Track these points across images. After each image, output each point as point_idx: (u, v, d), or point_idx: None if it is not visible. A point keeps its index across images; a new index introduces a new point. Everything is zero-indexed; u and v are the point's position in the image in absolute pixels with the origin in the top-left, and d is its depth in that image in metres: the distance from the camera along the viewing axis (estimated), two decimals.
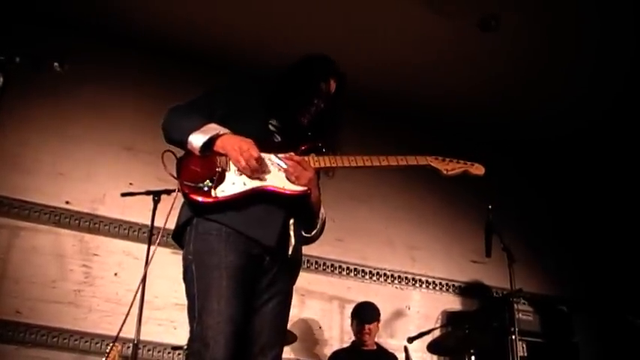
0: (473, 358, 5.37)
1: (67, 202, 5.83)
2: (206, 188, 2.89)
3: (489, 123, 7.49)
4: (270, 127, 3.25)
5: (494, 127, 7.54)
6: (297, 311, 6.36)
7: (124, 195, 5.31)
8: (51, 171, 5.86)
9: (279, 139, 3.23)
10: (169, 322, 5.86)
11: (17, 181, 5.69)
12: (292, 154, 3.10)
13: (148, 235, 5.03)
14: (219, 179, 2.93)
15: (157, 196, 5.01)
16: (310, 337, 6.41)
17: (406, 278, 7.02)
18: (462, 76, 6.78)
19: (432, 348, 5.74)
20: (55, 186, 5.82)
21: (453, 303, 7.13)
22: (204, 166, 2.95)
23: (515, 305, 5.81)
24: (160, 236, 3.24)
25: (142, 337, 4.80)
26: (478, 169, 3.54)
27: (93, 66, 6.20)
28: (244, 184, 2.96)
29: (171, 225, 3.08)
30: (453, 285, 7.23)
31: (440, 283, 7.17)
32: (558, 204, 8.04)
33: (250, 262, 2.92)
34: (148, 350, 5.64)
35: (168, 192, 4.83)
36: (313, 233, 3.25)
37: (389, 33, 6.21)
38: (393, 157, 3.32)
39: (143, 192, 5.18)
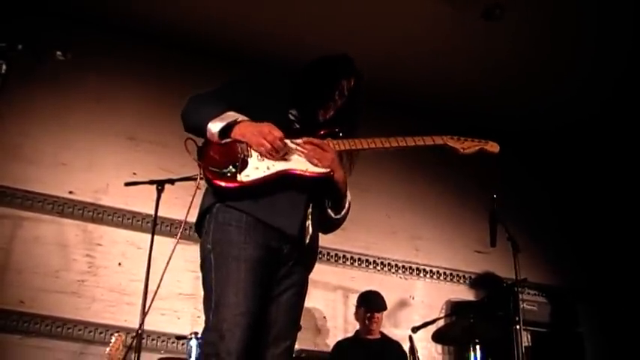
0: (477, 347, 5.37)
1: (70, 192, 5.83)
2: (229, 174, 2.88)
3: (492, 113, 7.44)
4: (290, 116, 3.24)
5: (497, 117, 7.50)
6: None
7: (127, 184, 5.30)
8: (54, 161, 5.85)
9: (299, 127, 3.21)
10: (173, 311, 5.85)
11: (20, 172, 5.68)
12: (310, 139, 3.08)
13: (152, 224, 5.01)
14: (242, 165, 2.91)
15: (160, 185, 5.00)
16: (314, 326, 6.41)
17: (410, 268, 7.01)
18: (465, 66, 6.76)
19: (436, 337, 5.74)
20: (57, 176, 5.81)
21: (457, 293, 7.11)
22: (225, 154, 2.94)
23: (520, 295, 5.80)
24: (182, 229, 3.21)
25: (146, 327, 4.80)
26: (493, 147, 3.52)
27: (95, 56, 6.19)
28: (268, 168, 2.94)
29: (180, 216, 3.05)
30: (457, 275, 7.21)
31: (444, 273, 7.16)
32: (561, 194, 8.01)
33: (269, 254, 2.91)
34: (152, 340, 5.64)
35: (189, 178, 4.74)
36: (342, 214, 3.25)
37: (392, 22, 6.18)
38: (410, 138, 3.38)
39: (146, 181, 5.16)
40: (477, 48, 6.45)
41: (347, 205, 3.27)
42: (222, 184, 2.89)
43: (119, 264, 5.77)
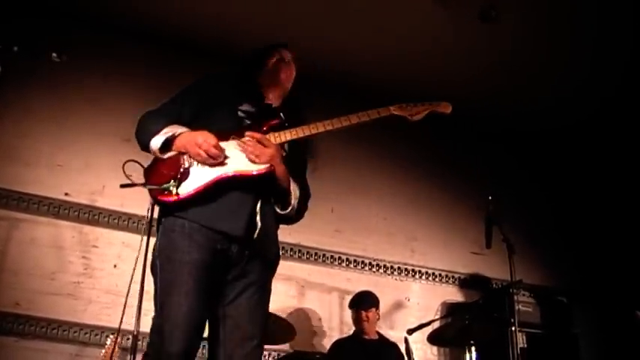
0: (473, 349, 5.38)
1: (67, 194, 5.82)
2: (171, 188, 2.97)
3: (488, 114, 7.46)
4: (240, 113, 3.30)
5: (493, 118, 7.53)
6: (297, 302, 6.40)
7: (123, 186, 5.28)
8: (50, 162, 5.85)
9: (249, 122, 3.27)
10: None
11: (16, 173, 5.68)
12: (251, 133, 3.12)
13: (147, 226, 4.99)
14: (183, 177, 3.01)
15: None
16: (310, 328, 6.42)
17: (406, 270, 7.01)
18: (462, 67, 6.75)
19: (432, 339, 5.73)
20: (54, 177, 5.80)
21: (452, 294, 7.13)
22: (169, 167, 3.06)
23: (515, 296, 5.81)
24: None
25: (142, 329, 4.79)
26: (445, 107, 3.47)
27: (92, 57, 6.18)
28: (207, 175, 3.02)
29: None
30: (453, 276, 7.23)
31: (440, 275, 7.17)
32: (557, 195, 8.03)
33: (215, 257, 2.98)
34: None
35: None
36: (289, 210, 3.26)
37: (388, 23, 6.18)
38: (354, 115, 3.30)
39: (142, 183, 5.16)
40: (473, 49, 6.45)
41: (293, 202, 3.26)
42: (165, 199, 3.00)
43: (115, 266, 5.77)
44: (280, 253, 3.35)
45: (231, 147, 3.10)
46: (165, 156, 3.10)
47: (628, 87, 6.73)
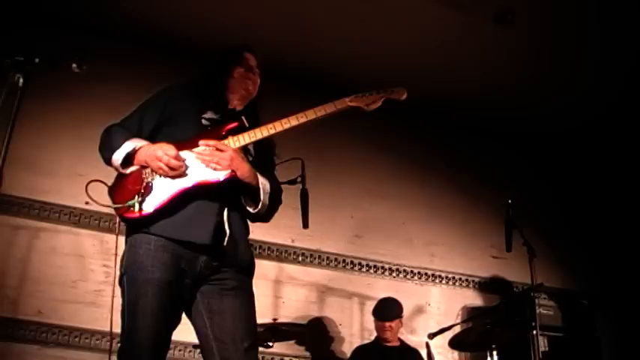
0: (494, 353, 5.35)
1: (87, 203, 5.84)
2: (135, 204, 3.01)
3: (503, 117, 7.44)
4: (204, 121, 3.32)
5: (510, 120, 7.50)
6: (317, 308, 6.40)
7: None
8: (70, 172, 5.87)
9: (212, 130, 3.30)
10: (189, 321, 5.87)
11: (36, 183, 5.72)
12: (205, 142, 3.13)
13: None
14: (146, 192, 3.04)
15: None
16: (330, 334, 6.41)
17: (426, 274, 7.00)
18: (474, 69, 6.73)
19: (453, 344, 5.70)
20: (74, 187, 5.82)
21: (473, 298, 7.10)
22: (132, 183, 3.10)
23: (536, 300, 5.78)
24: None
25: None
26: (399, 93, 3.43)
27: (109, 66, 6.20)
28: (170, 188, 3.04)
29: None
30: (473, 280, 7.20)
31: (460, 279, 7.15)
32: (577, 197, 7.98)
33: (179, 275, 3.00)
34: (170, 349, 5.65)
35: None
36: (260, 206, 3.24)
37: (399, 26, 6.18)
38: (311, 111, 3.28)
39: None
40: (484, 51, 6.43)
41: (263, 197, 3.24)
42: (129, 215, 3.03)
43: None
44: (300, 258, 3.36)
45: (191, 157, 3.12)
46: (128, 171, 3.15)
47: None
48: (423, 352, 5.67)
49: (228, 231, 3.10)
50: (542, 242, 6.36)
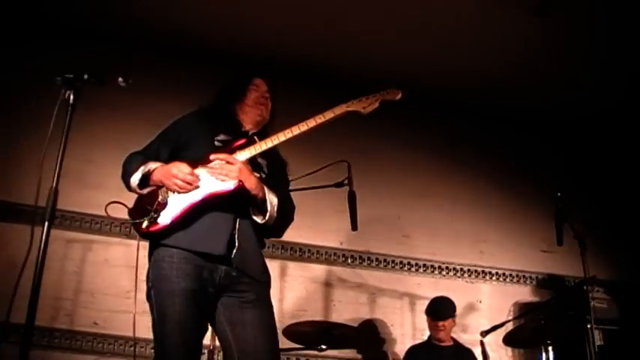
0: (549, 349, 5.29)
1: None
2: (152, 219, 3.23)
3: (550, 110, 7.35)
4: (216, 142, 3.48)
5: (555, 112, 7.40)
6: (368, 309, 6.42)
7: None
8: (119, 185, 5.91)
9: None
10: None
11: (88, 197, 5.80)
12: (216, 155, 3.31)
13: None
14: (162, 207, 3.25)
15: None
16: (382, 335, 6.41)
17: (475, 271, 6.96)
18: (513, 61, 6.63)
19: (507, 341, 5.65)
20: (123, 199, 5.90)
21: (524, 294, 7.03)
22: (149, 201, 3.31)
23: (590, 293, 5.71)
24: None
25: (218, 343, 4.85)
26: (393, 94, 3.55)
27: (154, 80, 6.28)
28: (183, 202, 3.22)
29: None
30: (524, 276, 7.13)
31: (510, 275, 7.09)
32: (627, 187, 7.83)
33: (202, 284, 3.16)
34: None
35: None
36: (267, 217, 3.34)
37: (434, 19, 6.10)
38: (311, 119, 3.44)
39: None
40: (516, 40, 6.31)
41: (270, 209, 3.35)
42: (148, 229, 3.24)
43: None
44: (350, 260, 3.41)
45: (203, 173, 3.28)
46: (145, 191, 3.34)
47: None
48: (477, 350, 5.62)
49: (237, 242, 3.24)
50: (594, 234, 6.28)
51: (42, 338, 5.38)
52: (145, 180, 3.33)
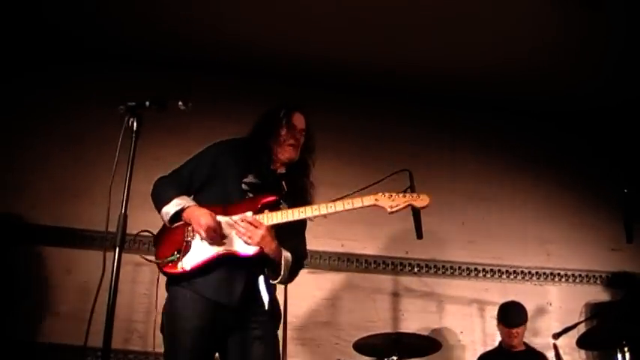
0: (625, 350, 5.15)
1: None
2: (175, 259, 3.41)
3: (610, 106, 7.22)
4: (244, 186, 3.62)
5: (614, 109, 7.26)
6: (437, 318, 6.39)
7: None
8: None
9: (252, 195, 3.61)
10: (311, 340, 5.95)
11: (154, 219, 5.88)
12: (246, 214, 3.46)
13: None
14: (186, 250, 3.42)
15: None
16: (452, 342, 6.38)
17: (544, 274, 6.87)
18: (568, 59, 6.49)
19: (581, 343, 5.52)
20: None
21: (595, 294, 6.90)
22: (174, 238, 3.49)
23: None
24: None
25: (289, 358, 4.90)
26: (423, 201, 3.61)
27: (209, 101, 6.36)
28: (206, 252, 3.41)
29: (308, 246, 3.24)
30: (594, 275, 7.01)
31: (579, 275, 6.97)
32: None
33: (214, 323, 3.37)
34: None
35: None
36: (279, 279, 3.53)
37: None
38: (339, 202, 3.53)
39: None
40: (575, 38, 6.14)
41: (283, 272, 3.50)
42: (169, 271, 3.43)
43: None
44: (416, 269, 3.45)
45: (228, 227, 3.47)
46: (173, 226, 3.51)
47: None
48: (550, 354, 5.53)
49: (267, 295, 3.48)
50: None
51: None
52: (177, 215, 3.49)
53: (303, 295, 5.85)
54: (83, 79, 6.40)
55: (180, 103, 3.30)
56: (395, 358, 4.92)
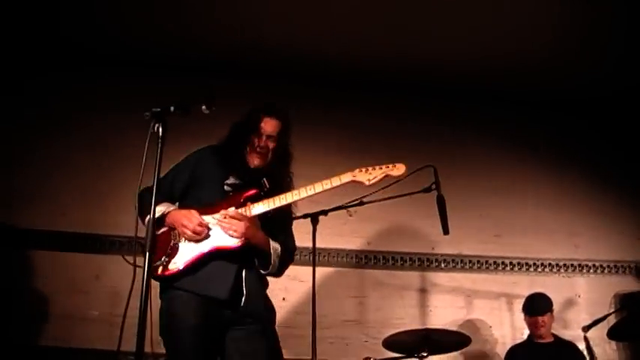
0: None
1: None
2: (164, 263, 3.53)
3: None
4: (226, 187, 3.77)
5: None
6: (466, 312, 6.40)
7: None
8: None
9: (233, 194, 3.74)
10: (340, 339, 5.96)
11: None
12: (229, 210, 3.59)
13: (312, 256, 5.01)
14: (173, 252, 3.56)
15: (314, 218, 5.04)
16: (481, 337, 6.38)
17: (572, 265, 6.84)
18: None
19: (612, 334, 5.48)
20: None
21: (625, 284, 6.86)
22: (162, 243, 3.59)
23: None
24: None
25: (318, 357, 4.89)
26: (398, 170, 3.68)
27: (231, 106, 6.38)
28: (193, 250, 3.55)
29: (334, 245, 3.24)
30: (622, 266, 6.96)
31: (607, 266, 6.93)
32: None
33: (208, 319, 3.48)
34: None
35: (325, 212, 4.89)
36: (270, 269, 3.70)
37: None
38: (318, 184, 3.64)
39: (301, 215, 5.23)
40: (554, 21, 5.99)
41: (273, 259, 3.69)
42: (164, 274, 3.53)
43: (283, 299, 5.92)
44: (443, 264, 3.44)
45: (213, 223, 3.60)
46: (159, 232, 3.59)
47: None
48: (580, 346, 5.50)
49: (245, 290, 3.58)
50: None
51: None
52: (160, 221, 3.57)
53: (331, 294, 5.89)
54: (104, 85, 6.45)
55: (203, 107, 3.33)
56: (425, 354, 4.91)
